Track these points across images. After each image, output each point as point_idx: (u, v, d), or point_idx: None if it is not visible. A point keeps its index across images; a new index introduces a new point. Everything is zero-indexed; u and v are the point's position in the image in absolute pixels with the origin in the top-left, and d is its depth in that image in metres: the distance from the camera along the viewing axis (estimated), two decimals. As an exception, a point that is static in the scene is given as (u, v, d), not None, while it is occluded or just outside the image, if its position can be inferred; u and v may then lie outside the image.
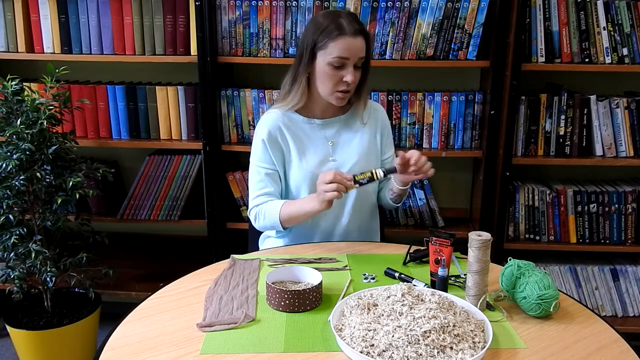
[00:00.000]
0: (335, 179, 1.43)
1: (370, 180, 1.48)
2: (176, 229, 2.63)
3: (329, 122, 1.70)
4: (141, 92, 2.28)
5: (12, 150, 1.93)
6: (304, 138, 1.68)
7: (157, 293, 1.31)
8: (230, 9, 2.15)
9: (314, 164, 1.66)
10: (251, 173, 1.70)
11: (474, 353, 1.01)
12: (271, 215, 1.61)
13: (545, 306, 1.18)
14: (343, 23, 1.54)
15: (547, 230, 2.30)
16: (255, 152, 1.69)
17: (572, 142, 2.24)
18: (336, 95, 1.60)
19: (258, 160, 1.68)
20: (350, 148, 1.70)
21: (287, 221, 1.61)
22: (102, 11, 2.19)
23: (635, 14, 2.11)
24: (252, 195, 1.68)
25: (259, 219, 1.66)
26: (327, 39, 1.54)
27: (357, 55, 1.56)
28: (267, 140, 1.65)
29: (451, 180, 2.54)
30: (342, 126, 1.72)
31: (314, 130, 1.69)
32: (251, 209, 1.68)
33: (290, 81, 1.65)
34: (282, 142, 1.67)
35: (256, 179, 1.68)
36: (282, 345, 1.09)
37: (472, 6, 2.08)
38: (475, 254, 1.21)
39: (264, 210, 1.63)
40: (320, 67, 1.58)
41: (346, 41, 1.53)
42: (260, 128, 1.68)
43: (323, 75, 1.58)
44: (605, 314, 2.37)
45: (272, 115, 1.68)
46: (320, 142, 1.69)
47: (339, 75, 1.57)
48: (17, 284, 2.03)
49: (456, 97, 2.23)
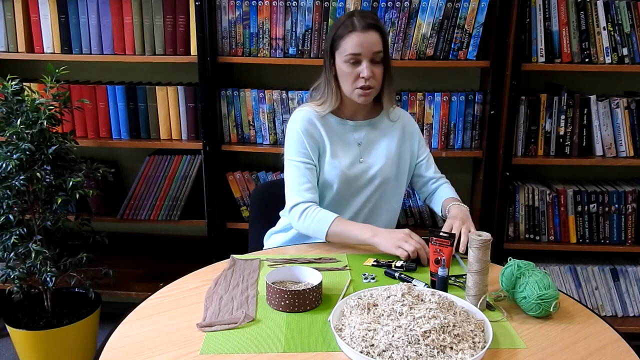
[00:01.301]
0: (419, 242, 1.46)
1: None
2: (176, 229, 2.63)
3: (360, 125, 1.71)
4: (141, 92, 2.28)
5: (12, 150, 1.93)
6: (337, 137, 1.68)
7: (157, 293, 1.31)
8: (230, 9, 2.15)
9: (345, 164, 1.67)
10: (289, 169, 1.66)
11: (474, 353, 1.01)
12: (321, 224, 1.57)
13: (545, 306, 1.18)
14: (354, 20, 1.56)
15: (547, 230, 2.30)
16: (292, 147, 1.66)
17: (572, 142, 2.24)
18: (357, 92, 1.60)
19: (296, 154, 1.65)
20: (378, 151, 1.71)
21: (334, 236, 1.58)
22: (102, 11, 2.19)
23: (635, 14, 2.11)
24: (295, 190, 1.63)
25: (304, 218, 1.60)
26: (340, 38, 1.57)
27: (371, 49, 1.56)
28: (304, 133, 1.64)
29: (451, 180, 2.53)
30: (372, 129, 1.72)
31: (346, 131, 1.70)
32: (295, 205, 1.62)
33: (323, 85, 1.67)
34: (318, 137, 1.66)
35: (296, 174, 1.64)
36: (282, 345, 1.09)
37: (472, 6, 2.08)
38: (475, 254, 1.21)
39: (314, 215, 1.59)
40: (340, 66, 1.60)
41: (357, 37, 1.55)
42: (295, 122, 1.66)
43: (342, 74, 1.61)
44: (605, 314, 2.37)
45: (306, 111, 1.67)
46: (351, 143, 1.70)
47: (356, 72, 1.58)
48: (17, 284, 2.03)
49: (456, 97, 2.23)
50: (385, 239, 1.50)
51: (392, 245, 1.47)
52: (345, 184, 1.68)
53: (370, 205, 1.72)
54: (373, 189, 1.70)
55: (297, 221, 1.62)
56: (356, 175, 1.68)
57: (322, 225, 1.57)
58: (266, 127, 2.29)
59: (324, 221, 1.57)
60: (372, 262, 1.47)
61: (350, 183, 1.68)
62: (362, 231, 1.54)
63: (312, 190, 1.64)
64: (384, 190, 1.72)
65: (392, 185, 1.73)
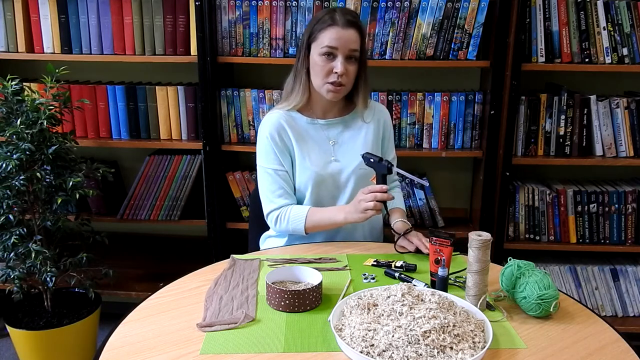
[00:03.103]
0: (371, 190, 1.48)
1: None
2: (176, 229, 2.63)
3: (331, 123, 1.70)
4: (141, 92, 2.28)
5: (12, 150, 1.93)
6: (307, 138, 1.68)
7: (157, 293, 1.31)
8: (230, 9, 2.15)
9: (317, 164, 1.66)
10: (261, 177, 1.68)
11: (474, 353, 1.01)
12: (295, 221, 1.61)
13: (545, 306, 1.18)
14: (335, 15, 1.57)
15: (547, 230, 2.30)
16: (262, 153, 1.67)
17: (572, 142, 2.24)
18: (327, 87, 1.59)
19: (266, 162, 1.66)
20: (352, 149, 1.69)
21: (312, 228, 1.61)
22: (102, 11, 2.19)
23: (635, 14, 2.11)
24: (268, 198, 1.66)
25: (280, 223, 1.64)
26: (319, 31, 1.57)
27: (348, 46, 1.56)
28: (272, 140, 1.64)
29: (451, 180, 2.54)
30: (345, 127, 1.71)
31: (317, 130, 1.69)
32: (270, 212, 1.66)
33: (292, 79, 1.67)
34: (287, 141, 1.66)
35: (268, 181, 1.66)
36: (282, 345, 1.09)
37: (472, 6, 2.08)
38: (475, 254, 1.21)
39: (287, 215, 1.62)
40: (314, 59, 1.60)
41: (336, 31, 1.55)
42: (264, 128, 1.67)
43: (315, 67, 1.60)
44: (605, 314, 2.37)
45: (275, 116, 1.67)
46: (323, 142, 1.69)
47: (330, 67, 1.57)
48: (17, 284, 2.03)
49: (456, 97, 2.23)
50: (351, 212, 1.53)
51: (358, 215, 1.51)
52: (321, 185, 1.66)
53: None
54: (353, 186, 1.68)
55: (275, 226, 1.67)
56: (331, 175, 1.66)
57: (298, 223, 1.61)
58: (266, 127, 2.28)
59: (298, 218, 1.60)
60: (372, 262, 1.47)
61: (327, 182, 1.67)
62: (334, 216, 1.58)
63: (285, 195, 1.65)
64: (364, 187, 1.70)
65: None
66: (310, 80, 1.64)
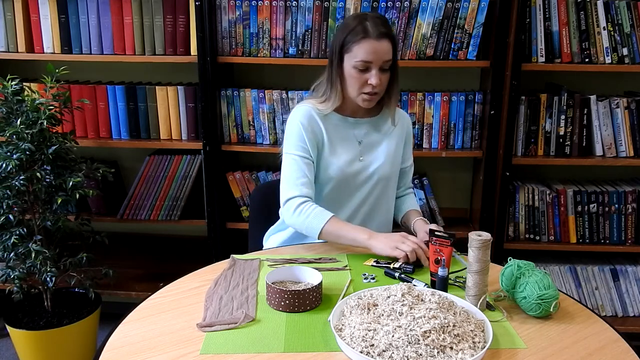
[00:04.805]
0: (415, 242, 1.46)
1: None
2: (176, 229, 2.63)
3: (360, 122, 1.70)
4: (141, 92, 2.28)
5: (12, 150, 1.93)
6: (336, 134, 1.67)
7: (157, 293, 1.31)
8: (230, 9, 2.15)
9: (344, 161, 1.66)
10: (287, 163, 1.65)
11: (474, 353, 1.01)
12: (315, 222, 1.55)
13: (545, 306, 1.18)
14: (368, 26, 1.54)
15: (547, 230, 2.30)
16: (291, 140, 1.64)
17: (572, 142, 2.24)
18: (362, 97, 1.60)
19: (294, 148, 1.63)
20: (378, 150, 1.70)
21: (327, 235, 1.56)
22: (102, 11, 2.19)
23: (635, 14, 2.11)
24: (291, 184, 1.62)
25: (298, 214, 1.58)
26: (352, 42, 1.55)
27: (382, 58, 1.55)
28: (304, 128, 1.62)
29: (451, 180, 2.55)
30: (372, 127, 1.72)
31: (346, 127, 1.69)
32: (290, 199, 1.60)
33: (326, 86, 1.65)
34: (318, 133, 1.65)
35: (293, 168, 1.62)
36: (282, 345, 1.09)
37: (472, 6, 2.08)
38: (475, 254, 1.21)
39: (310, 211, 1.57)
40: (347, 69, 1.59)
41: (370, 44, 1.53)
42: (296, 115, 1.65)
43: (350, 78, 1.59)
44: (605, 314, 2.37)
45: (306, 107, 1.66)
46: (351, 140, 1.69)
47: (364, 78, 1.57)
48: (17, 284, 2.03)
49: (456, 97, 2.23)
50: (381, 241, 1.48)
51: (389, 247, 1.46)
52: (343, 182, 1.67)
53: (369, 204, 1.71)
54: (371, 187, 1.69)
55: (292, 215, 1.59)
56: (354, 173, 1.67)
57: (317, 223, 1.55)
58: (266, 127, 2.29)
59: (319, 218, 1.55)
60: (372, 262, 1.47)
61: (348, 180, 1.67)
62: (359, 233, 1.52)
63: (309, 185, 1.62)
64: (381, 190, 1.71)
65: (389, 185, 1.73)
66: (342, 84, 1.63)
